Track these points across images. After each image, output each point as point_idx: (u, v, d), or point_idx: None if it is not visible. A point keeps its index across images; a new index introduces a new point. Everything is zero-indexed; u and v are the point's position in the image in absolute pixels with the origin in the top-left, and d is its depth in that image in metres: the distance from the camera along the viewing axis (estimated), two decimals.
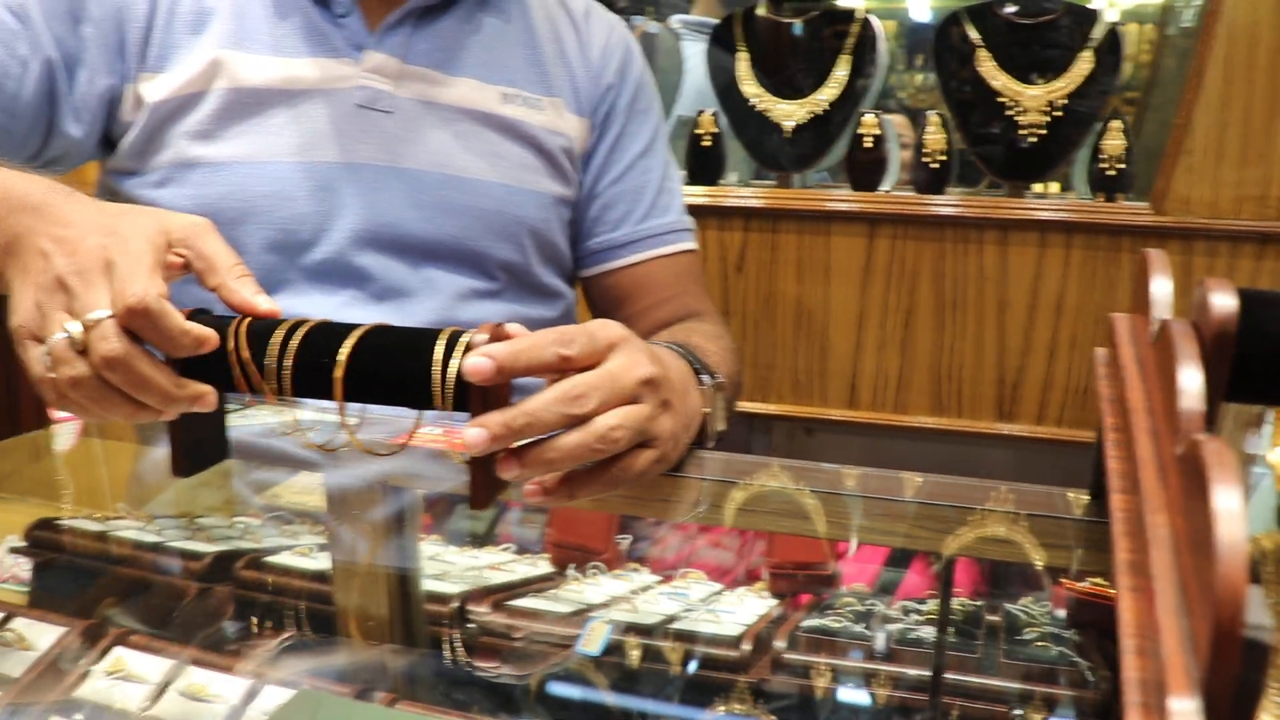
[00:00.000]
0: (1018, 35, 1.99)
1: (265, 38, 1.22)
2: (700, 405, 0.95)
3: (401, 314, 1.24)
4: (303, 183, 1.20)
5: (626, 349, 0.80)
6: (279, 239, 1.20)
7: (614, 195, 1.38)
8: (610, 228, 1.39)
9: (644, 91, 1.43)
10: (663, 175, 1.42)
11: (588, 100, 1.37)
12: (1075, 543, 0.87)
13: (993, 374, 2.02)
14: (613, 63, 1.39)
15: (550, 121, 1.32)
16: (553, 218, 1.33)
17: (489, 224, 1.27)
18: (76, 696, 0.69)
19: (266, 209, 1.20)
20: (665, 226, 1.40)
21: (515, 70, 1.31)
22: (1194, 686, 0.35)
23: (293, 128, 1.21)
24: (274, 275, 1.21)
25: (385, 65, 1.24)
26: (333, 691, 0.70)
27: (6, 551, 0.88)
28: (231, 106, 1.19)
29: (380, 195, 1.22)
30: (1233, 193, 1.82)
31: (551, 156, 1.32)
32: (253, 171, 1.19)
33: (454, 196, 1.25)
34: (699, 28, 2.45)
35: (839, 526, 0.92)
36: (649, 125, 1.42)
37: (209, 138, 1.19)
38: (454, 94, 1.27)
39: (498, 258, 1.29)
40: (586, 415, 0.75)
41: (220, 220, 1.17)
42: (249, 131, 1.20)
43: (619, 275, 1.40)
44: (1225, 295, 0.59)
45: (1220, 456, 0.38)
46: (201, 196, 1.18)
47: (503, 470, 0.75)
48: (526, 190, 1.30)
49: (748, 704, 0.71)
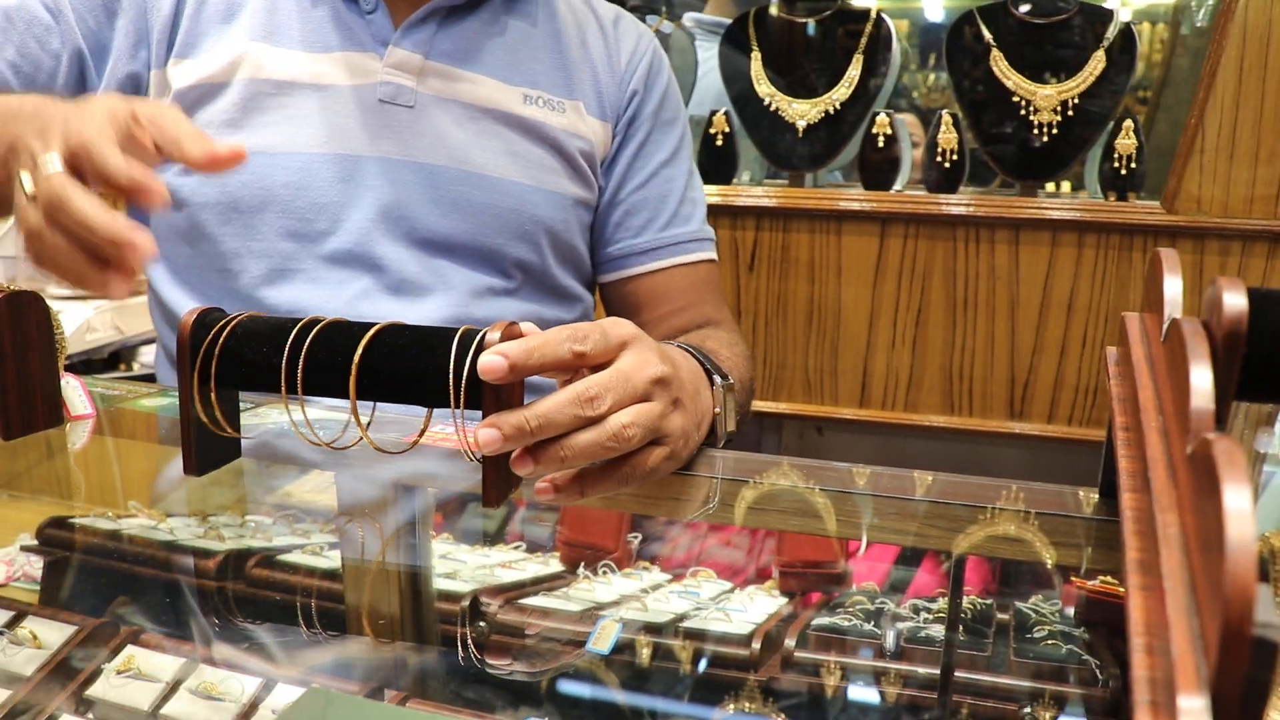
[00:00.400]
0: (1030, 35, 1.98)
1: (295, 32, 1.25)
2: (711, 405, 0.96)
3: (416, 308, 1.25)
4: (322, 173, 1.23)
5: (637, 347, 0.81)
6: (297, 228, 1.23)
7: (636, 202, 1.39)
8: (632, 234, 1.40)
9: (670, 101, 1.44)
10: (686, 185, 1.43)
11: (611, 105, 1.37)
12: (1085, 541, 0.86)
13: (1004, 373, 2.01)
14: (639, 70, 1.40)
15: (571, 124, 1.33)
16: (571, 219, 1.34)
17: (505, 222, 1.28)
18: (88, 695, 0.70)
19: (286, 198, 1.22)
20: (686, 235, 1.41)
21: (538, 72, 1.33)
22: (1203, 685, 0.35)
23: (315, 119, 1.23)
24: (291, 263, 1.24)
25: (408, 61, 1.25)
26: (343, 690, 0.70)
27: (18, 550, 0.88)
28: (255, 98, 1.22)
29: (398, 188, 1.24)
30: (1244, 192, 1.81)
31: (571, 158, 1.33)
32: (274, 161, 1.22)
33: (471, 193, 1.26)
34: (713, 27, 2.44)
35: (849, 525, 0.92)
36: (674, 135, 1.43)
37: (231, 127, 1.22)
38: (475, 92, 1.28)
39: (513, 256, 1.30)
40: (600, 416, 0.77)
41: (240, 208, 1.21)
42: (272, 122, 1.23)
43: (638, 282, 1.40)
44: (1236, 294, 0.59)
45: (1230, 455, 0.38)
46: (222, 185, 1.22)
47: (517, 467, 0.76)
48: (544, 190, 1.30)
49: (758, 702, 0.71)
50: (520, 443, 0.74)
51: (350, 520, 0.99)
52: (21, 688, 0.70)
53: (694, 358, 0.98)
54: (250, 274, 1.23)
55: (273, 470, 1.05)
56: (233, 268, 1.23)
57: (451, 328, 0.77)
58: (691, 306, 1.40)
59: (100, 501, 1.02)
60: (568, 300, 1.39)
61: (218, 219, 1.23)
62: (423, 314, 1.25)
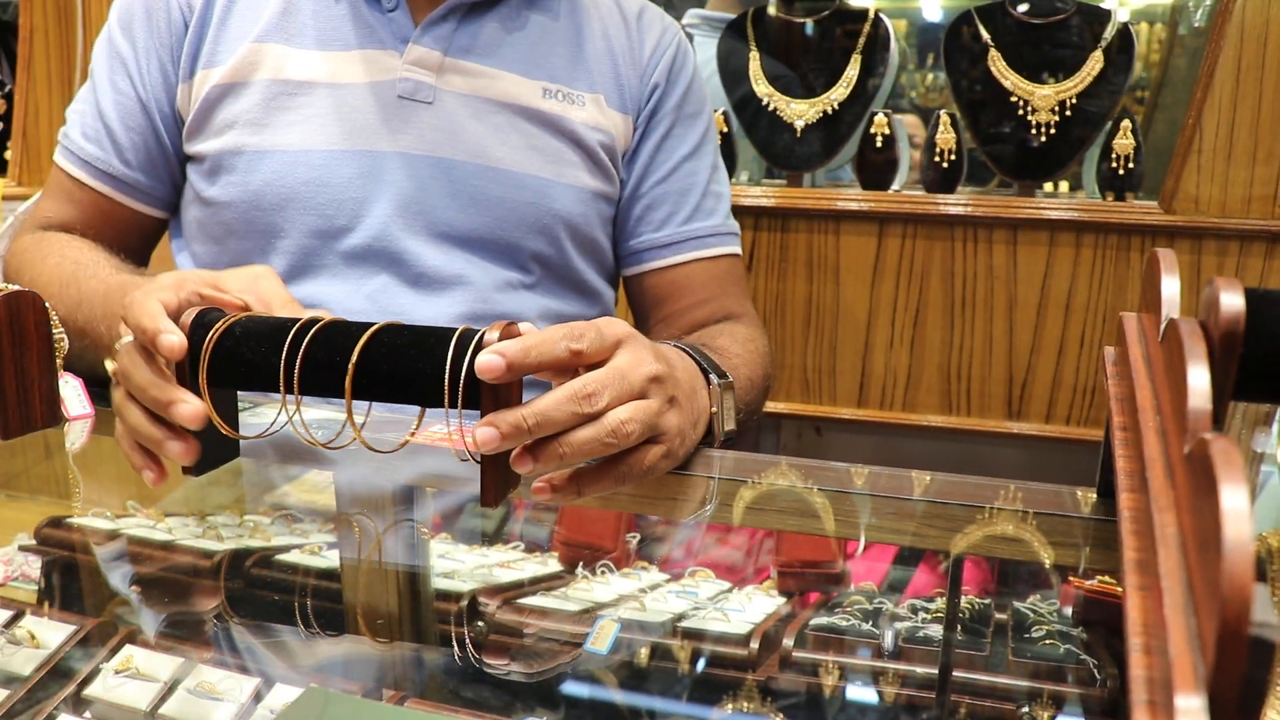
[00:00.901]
0: (1028, 35, 1.98)
1: (311, 31, 1.27)
2: (707, 404, 0.96)
3: (436, 302, 1.26)
4: (342, 170, 1.24)
5: (632, 345, 0.81)
6: (319, 225, 1.24)
7: (658, 195, 1.39)
8: (654, 228, 1.39)
9: (694, 95, 1.43)
10: (709, 179, 1.43)
11: (632, 98, 1.37)
12: (1083, 541, 0.86)
13: (1002, 373, 2.01)
14: (662, 63, 1.40)
15: (590, 117, 1.33)
16: (591, 212, 1.34)
17: (523, 216, 1.29)
18: (86, 695, 0.70)
19: (307, 195, 1.24)
20: (709, 229, 1.41)
21: (557, 66, 1.33)
22: (1200, 685, 0.35)
23: (335, 117, 1.25)
24: (312, 259, 1.26)
25: (427, 58, 1.27)
26: (341, 689, 0.70)
27: (16, 549, 0.88)
28: (276, 97, 1.25)
29: (417, 183, 1.25)
30: (1242, 192, 1.81)
31: (591, 151, 1.33)
32: (296, 159, 1.24)
33: (489, 187, 1.27)
34: (715, 23, 2.43)
35: (848, 525, 0.92)
36: (697, 129, 1.43)
37: (252, 126, 1.24)
38: (494, 88, 1.29)
39: (531, 249, 1.30)
40: (598, 413, 0.77)
41: (262, 206, 1.24)
42: (292, 121, 1.25)
43: (660, 275, 1.40)
44: (1233, 294, 0.59)
45: (1227, 455, 0.38)
46: (245, 184, 1.24)
47: (517, 465, 0.76)
48: (563, 184, 1.31)
49: (756, 702, 0.71)
50: (518, 441, 0.74)
51: (349, 521, 0.99)
52: (20, 687, 0.70)
53: (690, 356, 0.98)
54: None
55: (271, 470, 1.05)
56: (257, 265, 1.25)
57: (449, 328, 0.77)
58: (713, 300, 1.39)
59: (98, 501, 1.02)
60: (589, 295, 1.39)
61: (240, 218, 1.25)
62: (442, 308, 1.26)
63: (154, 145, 1.31)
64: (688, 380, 0.92)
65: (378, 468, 0.98)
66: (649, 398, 0.81)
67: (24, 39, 2.37)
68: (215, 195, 1.26)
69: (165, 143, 1.31)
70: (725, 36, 2.23)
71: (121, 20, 1.30)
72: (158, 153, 1.31)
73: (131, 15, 1.29)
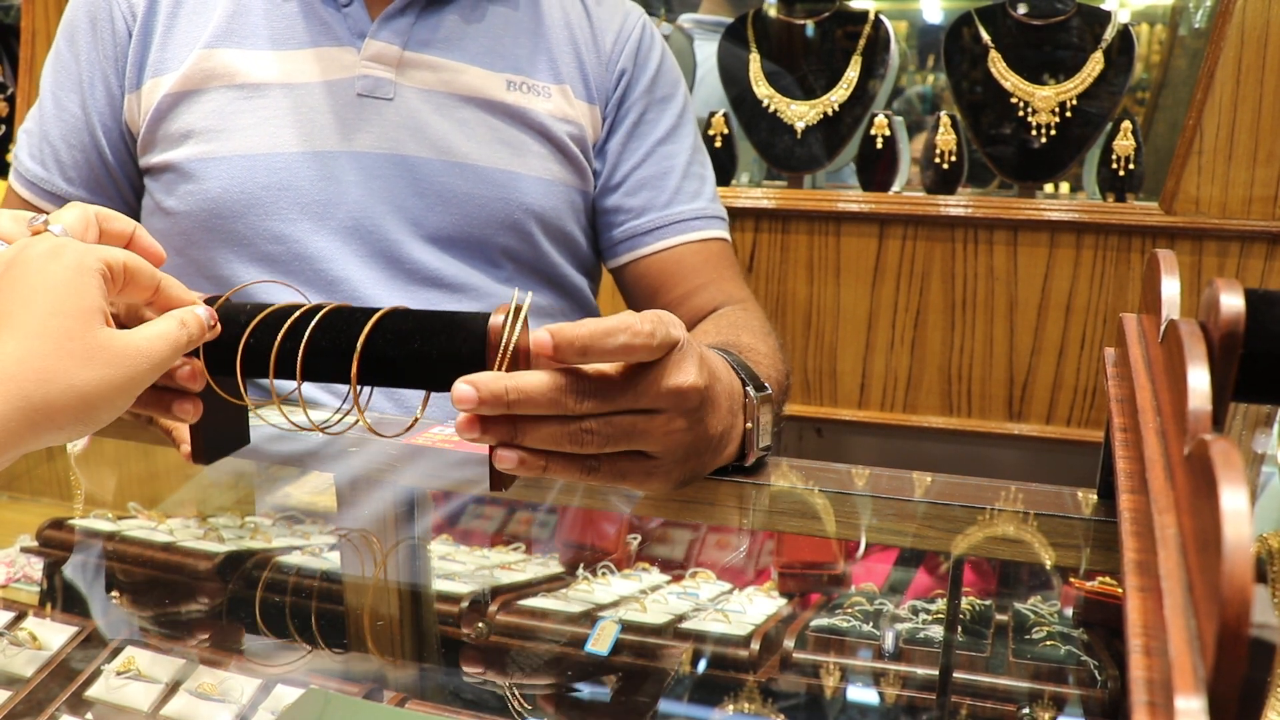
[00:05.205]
0: (1029, 36, 1.98)
1: (264, 31, 1.23)
2: (742, 421, 0.86)
3: (408, 302, 1.24)
4: (304, 172, 1.21)
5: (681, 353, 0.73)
6: (281, 229, 1.22)
7: (636, 182, 1.36)
8: (634, 215, 1.37)
9: (665, 78, 1.40)
10: (688, 161, 1.39)
11: (598, 88, 1.35)
12: (1084, 542, 0.86)
13: (1002, 374, 2.01)
14: (626, 48, 1.37)
15: (557, 109, 1.31)
16: (561, 204, 1.32)
17: (491, 211, 1.27)
18: (87, 696, 0.70)
19: (268, 200, 1.21)
20: (692, 213, 1.37)
21: (521, 58, 1.31)
22: (1200, 686, 0.35)
23: (293, 118, 1.22)
24: (278, 265, 1.23)
25: (385, 53, 1.24)
26: (341, 690, 0.70)
27: (18, 551, 0.88)
28: (231, 102, 1.21)
29: (382, 182, 1.23)
30: (1243, 193, 1.81)
31: (559, 143, 1.31)
32: (254, 164, 1.21)
33: (455, 183, 1.25)
34: (712, 27, 2.44)
35: (848, 526, 0.92)
36: (670, 112, 1.40)
37: (209, 133, 1.21)
38: (457, 81, 1.27)
39: (500, 244, 1.28)
40: (579, 415, 0.70)
41: (222, 214, 1.21)
42: (249, 125, 1.22)
43: (648, 262, 1.37)
44: (1233, 295, 0.59)
45: (1227, 456, 0.38)
46: (204, 192, 1.21)
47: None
48: (531, 177, 1.29)
49: (757, 703, 0.71)
50: (491, 410, 0.68)
51: (349, 522, 0.99)
52: (22, 689, 0.70)
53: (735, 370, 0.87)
54: (239, 278, 1.22)
55: (272, 471, 1.05)
56: (221, 273, 1.23)
57: (453, 312, 0.75)
58: (711, 285, 1.35)
59: (100, 503, 1.02)
60: (564, 288, 1.37)
61: (200, 226, 1.23)
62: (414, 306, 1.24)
63: (97, 162, 1.29)
64: (726, 399, 0.82)
65: (379, 469, 0.98)
66: (666, 412, 0.73)
67: (25, 41, 2.37)
68: (174, 206, 1.23)
69: (109, 160, 1.29)
70: (725, 38, 2.23)
71: (66, 32, 1.29)
72: (101, 170, 1.29)
73: (75, 28, 1.28)
